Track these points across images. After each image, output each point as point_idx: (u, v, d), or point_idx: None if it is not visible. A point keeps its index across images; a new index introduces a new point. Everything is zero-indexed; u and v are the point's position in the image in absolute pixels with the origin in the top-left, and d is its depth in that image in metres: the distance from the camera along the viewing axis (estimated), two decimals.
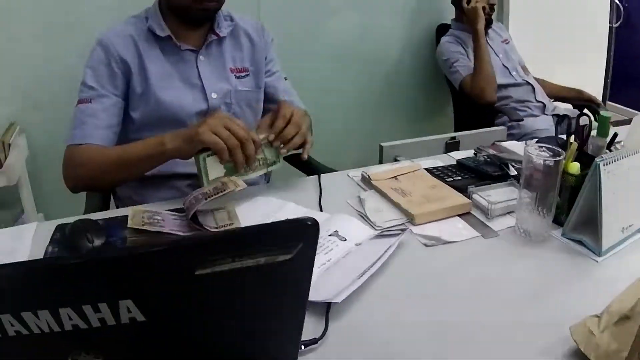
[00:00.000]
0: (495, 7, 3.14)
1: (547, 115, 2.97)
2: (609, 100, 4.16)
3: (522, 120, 2.82)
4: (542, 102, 3.01)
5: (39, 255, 1.18)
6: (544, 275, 1.14)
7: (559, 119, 2.93)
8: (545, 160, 1.17)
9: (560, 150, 1.20)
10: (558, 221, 1.27)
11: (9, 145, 2.51)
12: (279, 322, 0.73)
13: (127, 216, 1.24)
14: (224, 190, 1.23)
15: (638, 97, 4.34)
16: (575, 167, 1.25)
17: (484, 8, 2.96)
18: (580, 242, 1.22)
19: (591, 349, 0.85)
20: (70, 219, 1.28)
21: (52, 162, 2.73)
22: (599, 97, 3.67)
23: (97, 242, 1.18)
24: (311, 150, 1.48)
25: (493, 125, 2.78)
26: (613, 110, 3.91)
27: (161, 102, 1.56)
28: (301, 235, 0.62)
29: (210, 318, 0.68)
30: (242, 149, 1.30)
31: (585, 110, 2.99)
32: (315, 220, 0.62)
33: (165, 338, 0.68)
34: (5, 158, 2.43)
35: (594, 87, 3.75)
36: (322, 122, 1.86)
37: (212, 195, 1.22)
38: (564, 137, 1.40)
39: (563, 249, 1.21)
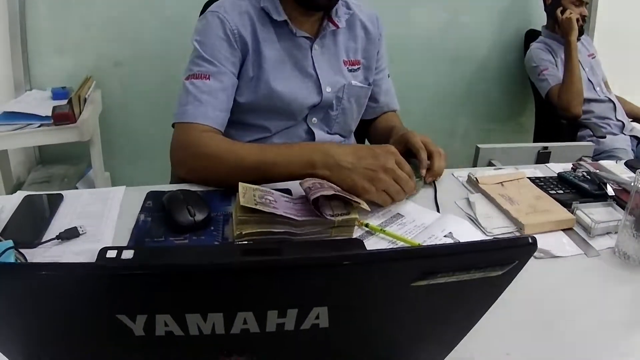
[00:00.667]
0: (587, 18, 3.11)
1: (625, 134, 2.95)
2: None
3: (605, 137, 2.80)
4: (622, 121, 2.99)
5: (129, 221, 1.16)
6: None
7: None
8: None
9: None
10: None
11: (85, 99, 2.49)
12: (455, 333, 0.71)
13: (225, 190, 1.21)
14: (351, 198, 1.17)
15: None
16: None
17: (577, 20, 2.94)
18: None
19: None
20: (158, 187, 1.25)
21: (125, 121, 2.83)
22: None
23: (200, 215, 1.14)
24: None
25: (573, 138, 2.78)
26: None
27: (274, 91, 1.48)
28: (519, 254, 0.60)
29: (404, 326, 0.66)
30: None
31: None
32: (535, 239, 0.59)
33: (335, 346, 0.65)
34: (80, 112, 2.37)
35: None
36: (402, 117, 1.87)
37: (340, 191, 1.18)
38: None
39: None
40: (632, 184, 1.24)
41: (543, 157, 1.95)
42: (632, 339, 1.02)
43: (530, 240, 0.59)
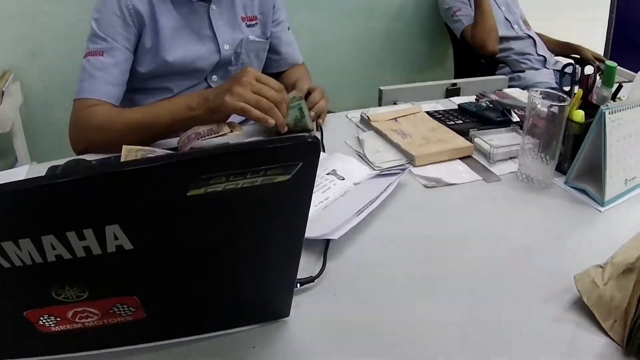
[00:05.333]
0: None
1: (547, 69, 2.94)
2: (610, 59, 4.09)
3: (524, 71, 2.79)
4: (543, 56, 2.98)
5: None
6: (546, 222, 1.12)
7: (563, 71, 2.88)
8: (550, 106, 1.14)
9: (565, 96, 1.16)
10: (561, 169, 1.25)
11: (2, 92, 2.49)
12: (276, 251, 0.69)
13: (120, 156, 1.19)
14: (218, 132, 1.19)
15: (638, 59, 4.28)
16: (580, 115, 1.22)
17: None
18: (583, 191, 1.20)
19: (593, 300, 0.84)
20: (63, 161, 1.25)
21: (46, 110, 2.76)
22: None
23: None
24: None
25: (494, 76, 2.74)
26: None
27: (169, 62, 1.49)
28: (301, 154, 0.56)
29: (203, 244, 0.63)
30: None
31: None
32: (317, 138, 0.57)
33: (154, 267, 0.64)
34: None
35: (595, 47, 3.70)
36: (321, 73, 1.82)
37: (205, 136, 1.18)
38: (568, 89, 1.36)
39: (566, 197, 1.19)
40: (527, 107, 1.20)
41: (453, 94, 1.88)
42: (540, 261, 0.98)
43: (309, 139, 0.56)
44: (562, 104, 1.14)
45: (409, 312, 0.84)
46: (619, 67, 1.48)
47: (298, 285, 0.85)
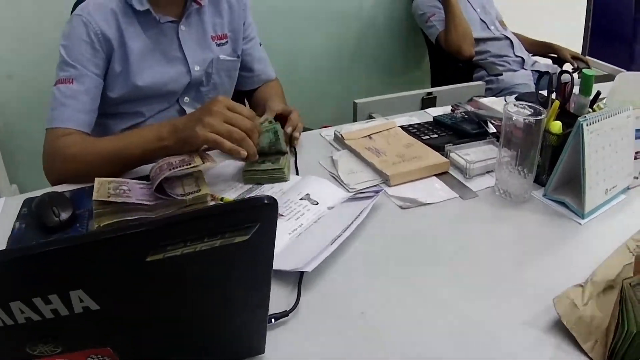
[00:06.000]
0: None
1: (526, 70, 2.93)
2: (588, 55, 4.11)
3: (501, 74, 2.77)
4: (521, 57, 2.96)
5: (7, 232, 1.14)
6: (525, 238, 1.10)
7: (540, 75, 2.87)
8: (526, 118, 1.12)
9: (541, 108, 1.15)
10: (539, 181, 1.24)
11: None
12: (242, 301, 0.69)
13: (92, 186, 1.17)
14: (189, 163, 1.17)
15: (617, 52, 4.30)
16: (557, 126, 1.21)
17: None
18: (562, 204, 1.18)
19: (573, 322, 0.82)
20: (39, 192, 1.23)
21: (25, 133, 2.72)
22: (579, 52, 3.60)
23: (64, 215, 1.15)
24: None
25: (471, 80, 2.72)
26: (593, 66, 3.86)
27: (139, 86, 1.49)
28: (258, 215, 0.57)
29: (166, 303, 0.64)
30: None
31: (567, 67, 2.94)
32: (273, 198, 0.57)
33: (122, 324, 0.64)
34: None
35: (574, 42, 3.70)
36: (295, 82, 1.79)
37: (177, 167, 1.16)
38: (545, 93, 1.34)
39: (545, 211, 1.17)
40: (503, 118, 1.17)
41: (429, 104, 1.87)
42: (519, 281, 0.97)
43: (266, 201, 0.57)
44: (539, 117, 1.12)
45: (388, 341, 0.83)
46: (598, 61, 1.47)
47: (272, 320, 0.84)
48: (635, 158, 1.25)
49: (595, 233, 1.11)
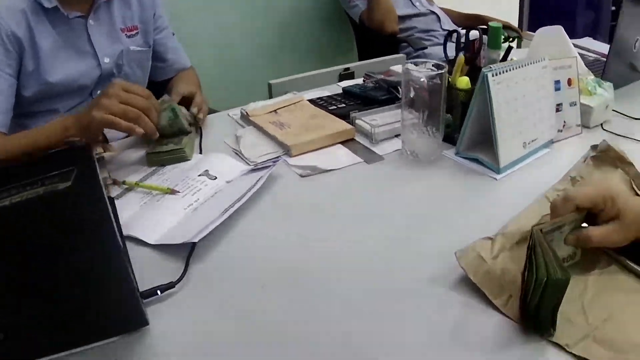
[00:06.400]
0: None
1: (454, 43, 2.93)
2: (527, 30, 4.14)
3: (426, 48, 2.78)
4: (449, 31, 2.96)
5: None
6: (436, 196, 1.09)
7: (448, 34, 2.90)
8: (424, 76, 1.11)
9: (442, 64, 1.14)
10: (452, 141, 1.23)
11: None
12: (93, 260, 0.67)
13: None
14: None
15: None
16: (464, 81, 1.21)
17: None
18: (476, 161, 1.17)
19: (480, 276, 0.79)
20: None
21: None
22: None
23: None
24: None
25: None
26: (527, 38, 3.87)
27: (51, 83, 1.50)
28: (72, 160, 0.58)
29: (11, 269, 0.63)
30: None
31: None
32: (86, 144, 0.57)
33: None
34: None
35: (510, 17, 3.72)
36: (220, 74, 1.77)
37: None
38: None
39: (458, 169, 1.17)
40: (402, 78, 1.17)
41: (346, 79, 1.87)
42: (427, 240, 0.95)
43: (78, 144, 0.64)
44: (440, 71, 1.12)
45: (281, 311, 0.81)
46: (534, 34, 1.48)
47: (159, 292, 0.83)
48: (557, 110, 1.25)
49: (513, 187, 1.09)
